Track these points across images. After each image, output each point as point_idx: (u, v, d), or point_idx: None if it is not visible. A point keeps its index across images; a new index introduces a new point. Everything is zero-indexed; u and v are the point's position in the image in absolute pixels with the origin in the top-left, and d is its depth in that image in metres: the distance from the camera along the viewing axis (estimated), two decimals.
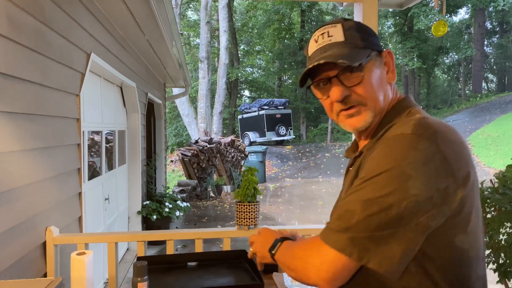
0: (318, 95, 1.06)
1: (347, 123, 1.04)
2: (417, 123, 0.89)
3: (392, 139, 0.90)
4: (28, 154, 2.05)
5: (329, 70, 1.00)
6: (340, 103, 1.01)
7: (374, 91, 1.00)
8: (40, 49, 2.17)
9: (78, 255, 1.54)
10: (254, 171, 2.36)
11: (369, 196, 0.86)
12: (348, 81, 0.99)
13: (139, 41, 4.72)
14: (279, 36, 25.39)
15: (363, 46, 0.99)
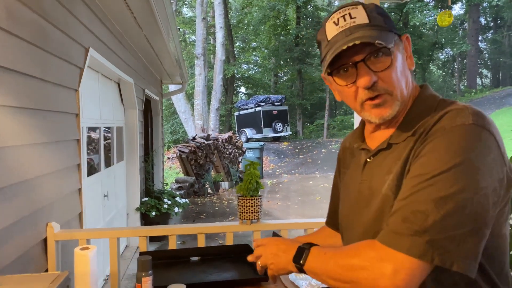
0: (340, 82, 0.98)
1: (373, 113, 0.96)
2: (473, 112, 0.85)
3: (452, 131, 0.84)
4: (28, 149, 2.02)
5: (355, 54, 0.92)
6: (368, 90, 0.94)
7: (399, 77, 0.95)
8: (39, 43, 2.14)
9: (81, 250, 1.52)
10: (256, 165, 2.35)
11: (442, 193, 0.79)
12: (374, 66, 0.92)
13: (137, 36, 4.68)
14: (274, 32, 25.33)
15: (388, 29, 0.94)
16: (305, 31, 23.67)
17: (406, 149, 0.92)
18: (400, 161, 0.92)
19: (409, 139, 0.94)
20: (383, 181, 0.95)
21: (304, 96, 25.13)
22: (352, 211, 1.06)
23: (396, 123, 1.00)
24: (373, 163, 1.02)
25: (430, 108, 0.95)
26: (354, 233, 1.04)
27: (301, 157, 15.94)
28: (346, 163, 1.18)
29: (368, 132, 1.10)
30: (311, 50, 23.82)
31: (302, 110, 24.82)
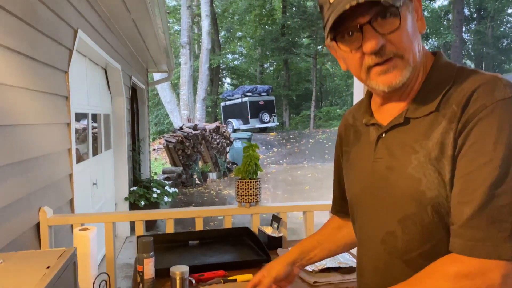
0: (344, 48, 0.88)
1: (380, 81, 0.87)
2: (506, 83, 0.79)
3: (497, 107, 0.77)
4: (18, 130, 1.94)
5: (359, 16, 0.83)
6: (375, 55, 0.84)
7: (410, 40, 0.85)
8: (29, 20, 2.05)
9: (81, 230, 1.46)
10: (255, 147, 2.30)
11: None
12: (382, 28, 0.83)
13: (124, 21, 4.56)
14: (260, 22, 25.15)
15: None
16: (291, 21, 23.56)
17: (438, 130, 0.84)
18: (431, 141, 0.84)
19: (435, 116, 0.85)
20: (408, 161, 0.86)
21: (290, 87, 25.11)
22: (367, 192, 0.97)
23: (409, 94, 0.91)
24: (388, 139, 0.92)
25: (449, 78, 0.87)
26: (372, 215, 0.95)
27: (289, 148, 15.95)
28: (349, 141, 1.08)
29: (376, 105, 1.00)
30: (297, 40, 23.75)
31: (288, 101, 24.82)
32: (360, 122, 1.04)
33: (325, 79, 28.40)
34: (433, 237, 0.83)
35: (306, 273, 1.71)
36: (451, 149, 0.80)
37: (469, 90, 0.81)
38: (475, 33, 28.08)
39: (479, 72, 0.85)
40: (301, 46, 24.13)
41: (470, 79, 0.84)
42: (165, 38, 5.96)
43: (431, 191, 0.82)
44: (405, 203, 0.86)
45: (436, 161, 0.82)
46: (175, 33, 22.99)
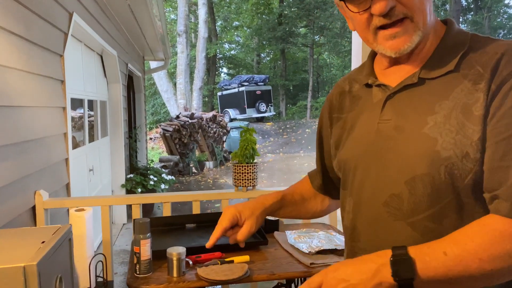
0: (353, 9, 0.86)
1: (388, 46, 0.85)
2: None
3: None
4: (13, 112, 1.92)
5: None
6: (383, 17, 0.82)
7: (422, 1, 0.82)
8: (24, 1, 2.02)
9: (77, 211, 1.45)
10: (252, 131, 2.29)
11: None
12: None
13: (120, 6, 4.51)
14: (257, 11, 24.97)
15: None
16: (288, 10, 23.41)
17: (458, 90, 0.82)
18: (451, 102, 0.83)
19: (453, 76, 0.84)
20: (423, 121, 0.84)
21: (287, 76, 25.03)
22: (369, 154, 0.93)
23: (419, 56, 0.89)
24: (397, 100, 0.90)
25: (464, 41, 0.87)
26: (374, 177, 0.92)
27: (285, 137, 15.96)
28: (343, 108, 1.05)
29: (381, 68, 0.97)
30: (294, 29, 23.63)
31: (285, 91, 24.76)
32: (360, 86, 1.01)
33: (322, 69, 28.32)
34: (442, 199, 0.82)
35: (302, 255, 1.72)
36: (480, 109, 0.79)
37: (497, 53, 0.80)
38: (472, 23, 28.01)
39: (497, 38, 0.85)
40: (298, 36, 24.01)
41: (492, 42, 0.83)
42: (162, 25, 5.91)
43: (446, 151, 0.80)
44: (415, 164, 0.84)
45: (456, 121, 0.81)
46: (171, 22, 22.80)
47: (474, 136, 0.79)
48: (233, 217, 1.09)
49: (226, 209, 1.12)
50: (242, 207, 1.11)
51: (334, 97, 1.10)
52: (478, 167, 0.79)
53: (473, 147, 0.79)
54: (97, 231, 2.85)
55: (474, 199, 0.81)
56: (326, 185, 1.19)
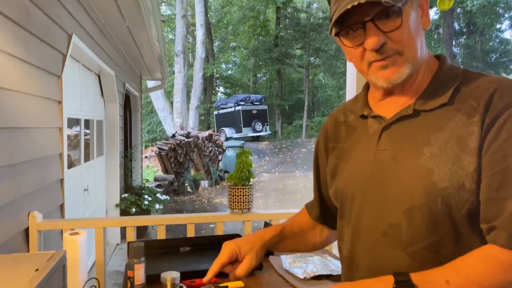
0: (347, 43, 0.91)
1: (380, 76, 0.89)
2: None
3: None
4: (8, 133, 1.92)
5: (363, 14, 0.86)
6: (375, 52, 0.87)
7: (412, 37, 0.87)
8: (24, 24, 2.04)
9: (71, 235, 1.45)
10: (248, 154, 2.30)
11: None
12: (384, 26, 0.85)
13: (119, 27, 4.57)
14: (254, 33, 25.29)
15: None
16: (284, 32, 23.73)
17: (452, 123, 0.85)
18: (446, 133, 0.85)
19: (447, 109, 0.87)
20: (419, 152, 0.87)
21: (283, 96, 25.19)
22: (367, 184, 0.94)
23: (412, 89, 0.93)
24: (393, 131, 0.92)
25: (456, 76, 0.90)
26: (372, 207, 0.93)
27: (281, 157, 15.97)
28: (339, 138, 1.07)
29: (375, 100, 1.00)
30: (290, 51, 23.90)
31: (281, 111, 24.89)
32: (355, 117, 1.03)
33: (317, 89, 28.56)
34: (440, 229, 0.83)
35: (297, 280, 1.71)
36: (475, 141, 0.82)
37: (489, 88, 0.84)
38: (464, 47, 28.50)
39: (488, 74, 0.89)
40: (294, 57, 24.28)
41: (484, 78, 0.87)
42: (160, 46, 5.97)
43: (442, 182, 0.82)
44: (413, 194, 0.85)
45: (451, 153, 0.83)
46: (169, 41, 23.03)
47: (469, 167, 0.81)
48: (232, 253, 1.08)
49: (225, 244, 1.11)
50: (241, 242, 1.10)
51: (330, 127, 1.12)
52: (474, 197, 0.81)
53: (468, 178, 0.81)
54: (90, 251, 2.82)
55: (471, 229, 0.83)
56: (324, 215, 1.20)
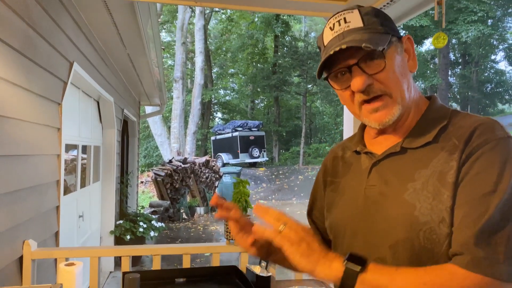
0: (336, 86, 0.97)
1: (372, 119, 0.94)
2: (501, 125, 0.89)
3: (499, 144, 0.84)
4: (8, 161, 1.92)
5: (349, 58, 0.91)
6: (362, 93, 0.92)
7: (398, 78, 0.92)
8: (26, 52, 2.08)
9: (66, 266, 1.43)
10: (245, 184, 2.30)
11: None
12: (369, 68, 0.91)
13: (119, 54, 4.63)
14: (252, 60, 25.66)
15: (383, 32, 0.92)
16: (282, 60, 24.09)
17: (436, 160, 0.89)
18: (429, 170, 0.88)
19: (433, 147, 0.91)
20: (403, 188, 0.90)
21: (280, 123, 25.33)
22: (357, 218, 0.97)
23: (403, 128, 0.97)
24: (382, 167, 0.96)
25: (444, 116, 0.94)
26: (361, 241, 0.96)
27: (278, 183, 15.92)
28: (337, 172, 1.11)
29: (370, 137, 1.05)
30: (288, 78, 24.20)
31: (278, 137, 24.98)
32: (351, 153, 1.08)
33: (314, 116, 28.76)
34: (423, 264, 0.84)
35: None
36: (452, 176, 0.85)
37: (471, 127, 0.88)
38: (460, 77, 28.94)
39: (474, 115, 0.93)
40: (292, 84, 24.56)
41: (469, 118, 0.91)
42: (159, 72, 6.05)
43: (424, 216, 0.85)
44: (397, 229, 0.88)
45: (432, 188, 0.86)
46: (168, 67, 23.30)
47: (448, 201, 0.84)
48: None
49: None
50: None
51: (329, 161, 1.16)
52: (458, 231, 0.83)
53: (447, 212, 0.84)
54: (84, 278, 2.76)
55: None
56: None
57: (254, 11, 3.30)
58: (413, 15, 2.14)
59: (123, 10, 3.26)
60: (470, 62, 28.44)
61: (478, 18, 20.90)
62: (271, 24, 23.06)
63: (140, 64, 5.07)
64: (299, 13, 2.46)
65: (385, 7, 2.13)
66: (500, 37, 26.44)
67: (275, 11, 2.32)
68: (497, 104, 30.57)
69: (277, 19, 22.73)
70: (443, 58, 25.35)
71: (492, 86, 29.80)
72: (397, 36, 0.96)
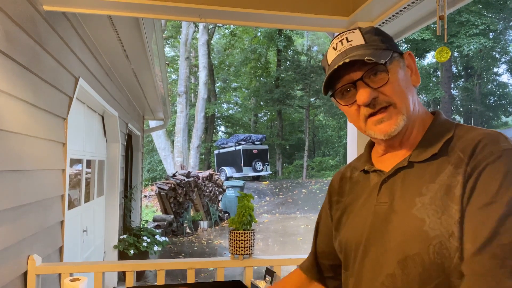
0: (342, 103, 0.99)
1: (377, 130, 0.95)
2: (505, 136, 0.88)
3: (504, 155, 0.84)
4: (13, 176, 1.94)
5: (353, 74, 0.94)
6: (368, 106, 0.94)
7: (402, 90, 0.94)
8: (33, 68, 2.10)
9: (71, 281, 1.43)
10: (250, 198, 2.30)
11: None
12: (374, 83, 0.93)
13: (124, 70, 4.68)
14: (255, 74, 25.82)
15: (385, 48, 0.95)
16: (285, 74, 24.24)
17: (444, 174, 0.88)
18: (437, 184, 0.88)
19: (441, 161, 0.90)
20: (412, 203, 0.89)
21: (283, 136, 25.36)
22: (369, 236, 0.97)
23: (409, 144, 0.97)
24: (391, 184, 0.96)
25: (449, 129, 0.95)
26: (373, 258, 0.95)
27: (281, 197, 15.86)
28: (343, 192, 1.12)
29: (377, 156, 1.06)
30: (291, 92, 24.31)
31: (281, 150, 24.98)
32: (359, 173, 1.08)
33: (317, 129, 28.79)
34: (433, 279, 0.84)
35: None
36: (459, 190, 0.85)
37: (475, 140, 0.88)
38: (463, 89, 28.94)
39: (479, 127, 0.93)
40: (295, 98, 24.66)
41: (473, 131, 0.91)
42: (163, 87, 6.10)
43: (433, 231, 0.85)
44: (407, 244, 0.88)
45: (441, 202, 0.86)
46: (172, 82, 23.47)
47: (456, 215, 0.84)
48: None
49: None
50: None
51: (336, 181, 1.17)
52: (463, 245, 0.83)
53: (456, 226, 0.83)
54: None
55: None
56: (320, 273, 1.22)
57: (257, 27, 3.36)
58: (415, 29, 2.16)
59: (128, 26, 3.31)
60: (473, 75, 28.48)
61: (479, 31, 21.00)
62: (273, 38, 23.26)
63: (145, 79, 5.12)
64: (301, 28, 2.49)
65: (387, 22, 2.15)
66: (502, 50, 26.51)
67: (278, 26, 2.35)
68: (501, 117, 30.48)
69: (279, 34, 22.93)
70: (445, 71, 25.42)
71: (495, 99, 29.76)
72: (398, 52, 0.99)
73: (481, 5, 21.98)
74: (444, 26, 1.58)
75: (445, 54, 1.59)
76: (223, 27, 25.46)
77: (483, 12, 21.90)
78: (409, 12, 2.01)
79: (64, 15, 2.65)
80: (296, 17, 2.21)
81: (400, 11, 2.01)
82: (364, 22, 2.19)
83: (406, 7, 1.96)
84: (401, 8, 1.96)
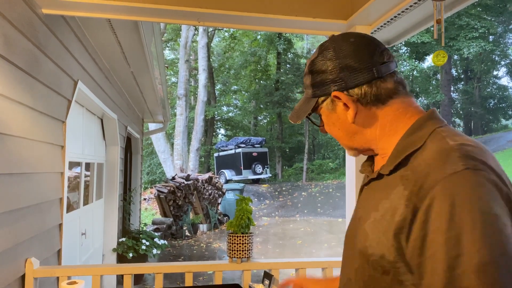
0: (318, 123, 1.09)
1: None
2: (461, 154, 0.78)
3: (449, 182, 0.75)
4: (11, 179, 1.94)
5: None
6: None
7: (337, 131, 1.01)
8: (32, 72, 2.11)
9: (68, 284, 1.42)
10: (248, 201, 2.30)
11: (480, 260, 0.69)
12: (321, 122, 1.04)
13: (123, 73, 4.69)
14: (255, 77, 25.86)
15: (311, 95, 0.99)
16: (285, 77, 24.27)
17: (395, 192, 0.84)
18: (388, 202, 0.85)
19: (398, 176, 0.86)
20: (368, 216, 0.90)
21: (283, 139, 25.37)
22: (346, 240, 1.02)
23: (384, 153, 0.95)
24: (365, 191, 0.99)
25: (414, 143, 0.87)
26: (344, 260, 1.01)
27: (281, 200, 15.85)
28: None
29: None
30: (290, 94, 24.34)
31: (281, 153, 24.98)
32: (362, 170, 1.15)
33: (317, 132, 28.76)
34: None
35: None
36: (398, 216, 0.80)
37: (426, 159, 0.81)
38: (463, 92, 28.96)
39: (446, 139, 0.83)
40: (294, 101, 24.66)
41: (433, 146, 0.83)
42: (163, 90, 6.10)
43: (370, 248, 0.86)
44: (356, 255, 0.92)
45: (386, 223, 0.83)
46: (172, 84, 23.49)
47: (391, 240, 0.81)
48: None
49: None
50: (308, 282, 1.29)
51: None
52: (397, 267, 0.81)
53: (389, 250, 0.81)
54: None
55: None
56: None
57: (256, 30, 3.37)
58: (413, 33, 2.17)
59: (128, 29, 3.31)
60: (473, 78, 28.52)
61: (479, 34, 21.06)
62: (273, 41, 23.31)
63: (144, 81, 5.12)
64: (300, 32, 2.49)
65: (385, 26, 2.16)
66: (502, 53, 26.57)
67: (276, 30, 2.36)
68: (501, 120, 30.51)
69: (279, 37, 22.98)
70: (445, 74, 25.46)
71: (495, 102, 29.80)
72: (327, 93, 0.95)
73: (481, 9, 22.04)
74: (441, 30, 1.59)
75: (442, 57, 1.59)
76: (223, 30, 25.52)
77: (483, 16, 21.95)
78: (406, 16, 2.02)
79: (63, 19, 2.66)
80: (295, 20, 2.21)
81: (398, 14, 2.02)
82: (362, 25, 2.20)
83: (404, 11, 1.96)
84: (399, 12, 1.97)
